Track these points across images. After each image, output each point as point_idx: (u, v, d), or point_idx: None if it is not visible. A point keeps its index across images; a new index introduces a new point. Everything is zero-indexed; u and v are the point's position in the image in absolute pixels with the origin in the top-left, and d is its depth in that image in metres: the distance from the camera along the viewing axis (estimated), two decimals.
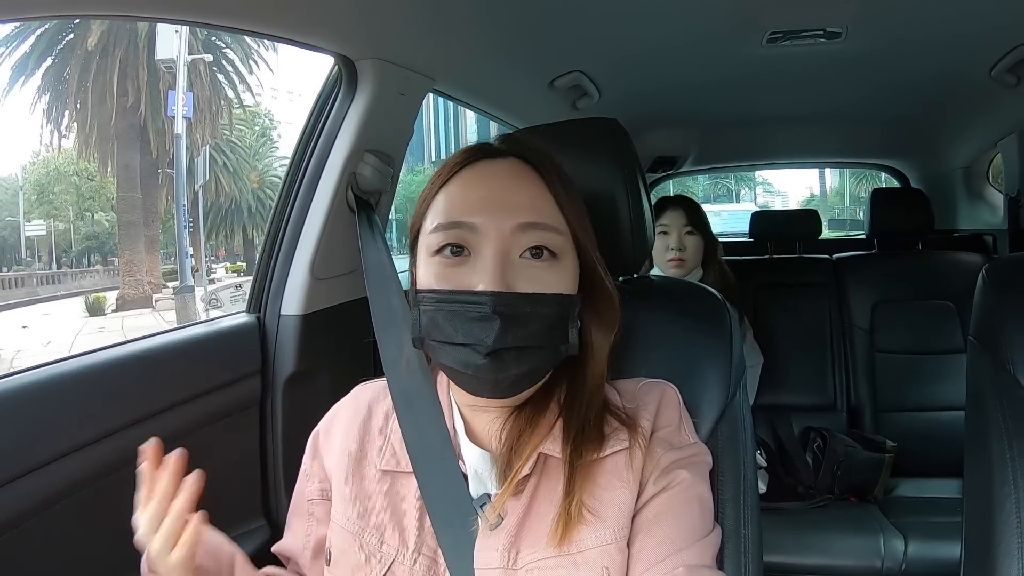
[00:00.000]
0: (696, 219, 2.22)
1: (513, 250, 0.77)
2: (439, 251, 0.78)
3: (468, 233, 0.77)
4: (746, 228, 3.06)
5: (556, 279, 0.78)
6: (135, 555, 1.09)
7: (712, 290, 1.06)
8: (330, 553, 0.86)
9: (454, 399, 0.88)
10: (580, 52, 1.82)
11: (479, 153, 0.84)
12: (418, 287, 0.80)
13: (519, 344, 0.75)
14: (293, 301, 1.35)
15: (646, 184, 1.04)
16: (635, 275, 1.07)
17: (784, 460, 2.27)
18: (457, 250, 0.78)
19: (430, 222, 0.80)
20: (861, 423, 2.50)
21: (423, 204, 0.83)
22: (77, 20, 17.25)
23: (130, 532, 1.09)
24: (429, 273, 0.79)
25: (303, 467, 0.94)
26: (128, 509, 1.08)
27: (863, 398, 2.52)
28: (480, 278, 0.75)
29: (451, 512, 0.81)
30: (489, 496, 0.80)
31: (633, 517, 0.78)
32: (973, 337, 1.26)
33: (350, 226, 1.35)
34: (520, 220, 0.77)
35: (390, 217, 1.56)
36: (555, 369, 0.85)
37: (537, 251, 0.78)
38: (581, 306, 0.84)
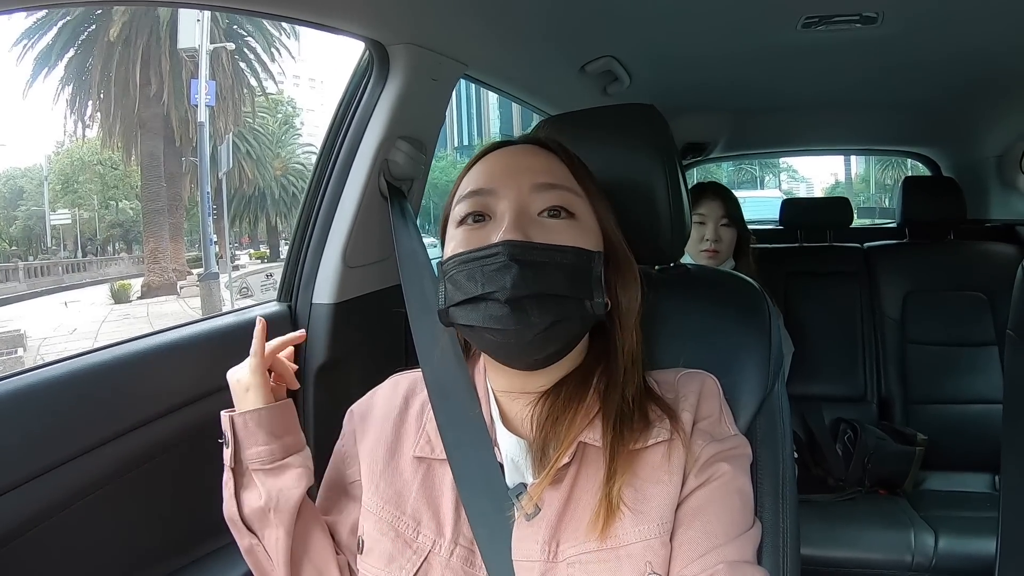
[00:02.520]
0: (733, 211, 2.19)
1: (531, 208, 0.80)
2: (463, 221, 0.81)
3: (488, 198, 0.81)
4: (770, 215, 3.02)
5: (575, 236, 0.80)
6: (161, 547, 1.11)
7: (750, 280, 1.04)
8: (362, 541, 0.86)
9: (490, 386, 0.88)
10: (612, 37, 1.79)
11: (500, 143, 0.88)
12: (443, 259, 0.82)
13: (540, 291, 0.74)
14: (325, 289, 1.35)
15: (683, 172, 1.02)
16: (672, 264, 1.06)
17: (814, 451, 2.25)
18: (479, 218, 0.81)
19: (456, 198, 0.84)
20: (891, 415, 2.47)
21: (452, 192, 0.86)
22: (103, 8, 17.40)
23: (164, 517, 1.10)
24: (454, 241, 0.81)
25: (343, 450, 0.94)
26: (162, 496, 1.09)
27: (894, 389, 2.49)
28: (498, 233, 0.76)
29: (486, 502, 0.80)
30: (525, 486, 0.79)
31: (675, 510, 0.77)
32: (1012, 331, 1.24)
33: (382, 213, 1.35)
34: (536, 180, 0.80)
35: None
36: (590, 354, 0.85)
37: (555, 211, 0.80)
38: (611, 281, 0.84)
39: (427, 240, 1.25)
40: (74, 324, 15.19)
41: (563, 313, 0.77)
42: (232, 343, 1.24)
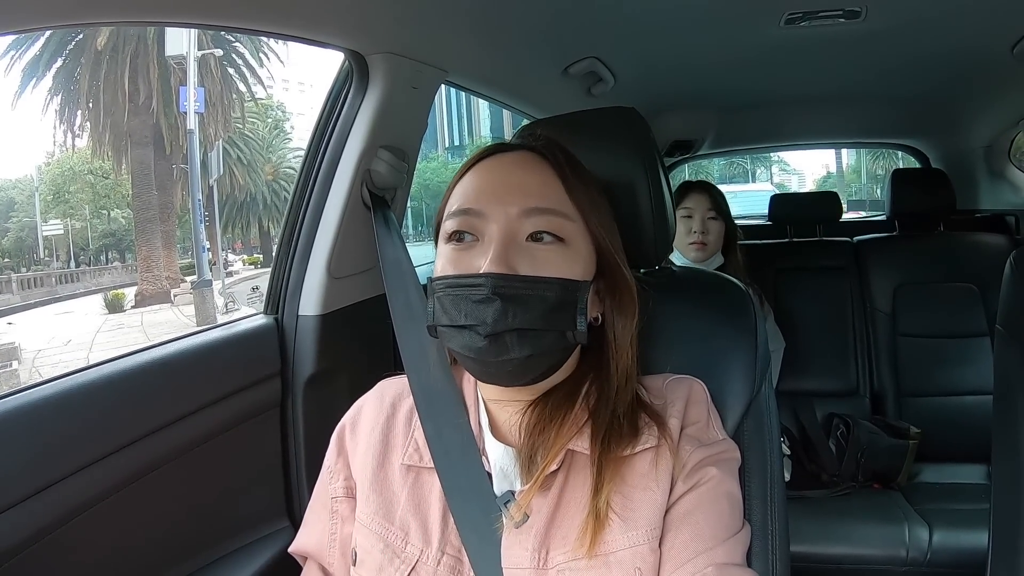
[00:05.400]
0: (719, 204, 2.22)
1: (519, 234, 0.78)
2: (450, 238, 0.81)
3: (476, 219, 0.80)
4: (762, 209, 3.02)
5: (563, 263, 0.79)
6: (157, 563, 1.10)
7: (736, 281, 1.04)
8: (356, 553, 0.86)
9: (480, 394, 0.88)
10: (594, 37, 1.79)
11: (494, 149, 0.86)
12: (433, 275, 0.82)
13: (520, 327, 0.75)
14: (311, 301, 1.34)
15: (667, 175, 1.02)
16: (657, 267, 1.05)
17: (807, 447, 2.25)
18: (468, 237, 0.80)
19: (446, 212, 0.83)
20: (884, 408, 2.47)
21: (444, 198, 0.85)
22: (85, 28, 17.33)
23: (154, 539, 1.09)
24: (442, 259, 0.81)
25: (326, 464, 0.94)
26: (152, 517, 1.09)
27: (886, 383, 2.49)
28: (483, 260, 0.76)
29: (474, 510, 0.81)
30: (513, 493, 0.80)
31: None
32: (1001, 326, 1.24)
33: (366, 223, 1.34)
34: (525, 205, 0.79)
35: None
36: (581, 364, 0.86)
37: (544, 236, 0.79)
38: (604, 297, 0.84)
39: (417, 245, 1.25)
40: (69, 335, 15.11)
41: (542, 346, 0.77)
42: (218, 359, 1.23)
